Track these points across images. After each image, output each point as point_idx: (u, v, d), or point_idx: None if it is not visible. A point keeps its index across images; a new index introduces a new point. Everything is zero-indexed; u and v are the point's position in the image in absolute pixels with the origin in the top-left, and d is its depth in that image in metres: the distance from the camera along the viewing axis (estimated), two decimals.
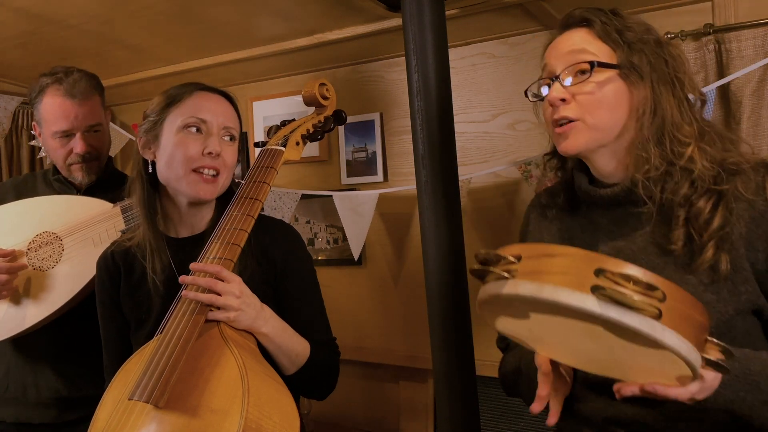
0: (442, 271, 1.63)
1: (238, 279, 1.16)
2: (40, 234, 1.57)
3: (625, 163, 1.07)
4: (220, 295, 1.13)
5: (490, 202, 2.25)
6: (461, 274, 1.66)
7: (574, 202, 1.17)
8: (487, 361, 2.22)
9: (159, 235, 1.29)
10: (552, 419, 1.03)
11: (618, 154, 1.07)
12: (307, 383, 1.29)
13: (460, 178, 1.80)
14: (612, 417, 1.05)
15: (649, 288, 0.75)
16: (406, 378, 2.43)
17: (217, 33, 2.15)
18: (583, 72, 1.04)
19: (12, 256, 1.52)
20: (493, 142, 2.24)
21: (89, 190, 1.72)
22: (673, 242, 1.01)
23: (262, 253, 1.29)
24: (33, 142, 2.69)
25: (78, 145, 1.65)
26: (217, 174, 1.25)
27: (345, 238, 2.34)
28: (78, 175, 1.70)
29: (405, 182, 2.38)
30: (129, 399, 1.05)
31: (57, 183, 1.75)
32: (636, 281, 0.75)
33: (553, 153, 1.21)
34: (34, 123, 1.73)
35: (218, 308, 1.14)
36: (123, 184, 1.57)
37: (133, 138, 2.69)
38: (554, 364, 1.01)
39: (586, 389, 1.08)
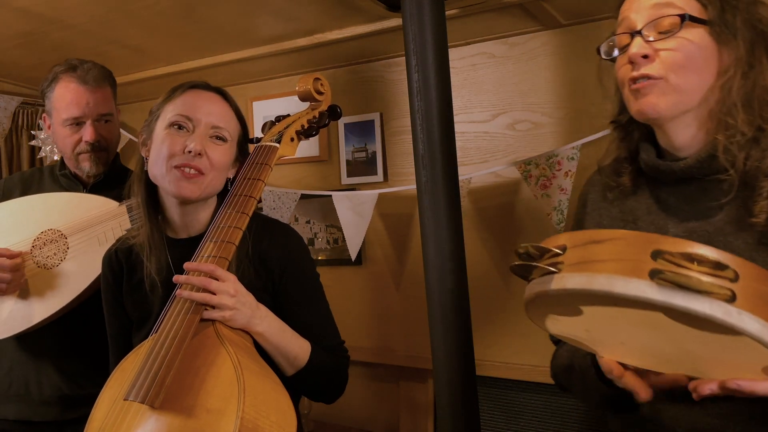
0: (442, 271, 1.63)
1: (232, 277, 1.16)
2: (45, 231, 1.56)
3: (704, 131, 0.97)
4: (214, 294, 1.12)
5: (490, 202, 2.24)
6: (461, 274, 1.66)
7: (638, 181, 1.07)
8: (487, 361, 2.22)
9: (159, 235, 1.29)
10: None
11: (699, 120, 0.97)
12: (310, 386, 1.28)
13: (460, 178, 1.80)
14: (691, 428, 0.95)
15: (718, 267, 0.66)
16: (406, 378, 2.43)
17: (217, 33, 2.15)
18: (669, 27, 0.94)
19: (18, 257, 1.51)
20: (493, 142, 2.24)
21: (96, 186, 1.71)
22: (755, 215, 0.90)
23: (260, 260, 1.27)
24: (33, 142, 2.69)
25: (88, 132, 1.64)
26: (201, 173, 1.22)
27: (345, 239, 2.33)
28: (86, 165, 1.68)
29: (405, 182, 2.38)
30: (124, 399, 1.04)
31: (64, 178, 1.74)
32: (701, 261, 0.66)
33: (619, 120, 1.11)
34: (44, 115, 1.72)
35: (213, 307, 1.13)
36: None
37: (133, 138, 2.71)
38: (624, 364, 0.90)
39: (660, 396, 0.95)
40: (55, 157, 2.57)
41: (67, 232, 1.56)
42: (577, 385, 1.06)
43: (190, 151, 1.20)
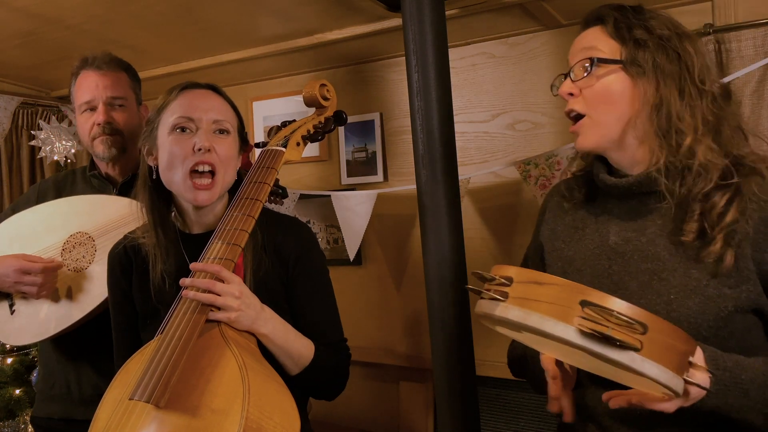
0: (442, 270, 1.64)
1: (237, 279, 1.16)
2: (74, 234, 1.58)
3: (640, 156, 1.09)
4: (219, 295, 1.13)
5: (490, 202, 2.25)
6: (461, 274, 1.66)
7: (592, 193, 1.20)
8: (487, 361, 2.22)
9: (173, 233, 1.30)
10: (567, 417, 1.05)
11: (630, 149, 1.09)
12: (313, 384, 1.29)
13: (460, 178, 1.80)
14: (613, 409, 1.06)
15: (630, 321, 0.80)
16: (406, 378, 2.44)
17: (217, 33, 2.15)
18: (588, 68, 1.08)
19: (48, 262, 1.54)
20: (493, 142, 2.25)
21: (126, 185, 1.70)
22: (684, 234, 1.02)
23: (275, 251, 1.29)
24: (33, 142, 2.68)
25: (99, 114, 1.66)
26: (213, 172, 1.23)
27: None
28: (99, 149, 1.68)
29: (405, 182, 2.38)
30: (129, 399, 1.05)
31: (94, 179, 1.75)
32: (618, 315, 0.80)
33: None
34: (74, 115, 1.76)
35: (218, 308, 1.14)
36: None
37: None
38: (559, 362, 1.05)
39: (589, 381, 1.11)
40: (55, 157, 2.57)
41: (94, 235, 1.58)
42: (529, 372, 1.20)
43: (200, 149, 1.21)
